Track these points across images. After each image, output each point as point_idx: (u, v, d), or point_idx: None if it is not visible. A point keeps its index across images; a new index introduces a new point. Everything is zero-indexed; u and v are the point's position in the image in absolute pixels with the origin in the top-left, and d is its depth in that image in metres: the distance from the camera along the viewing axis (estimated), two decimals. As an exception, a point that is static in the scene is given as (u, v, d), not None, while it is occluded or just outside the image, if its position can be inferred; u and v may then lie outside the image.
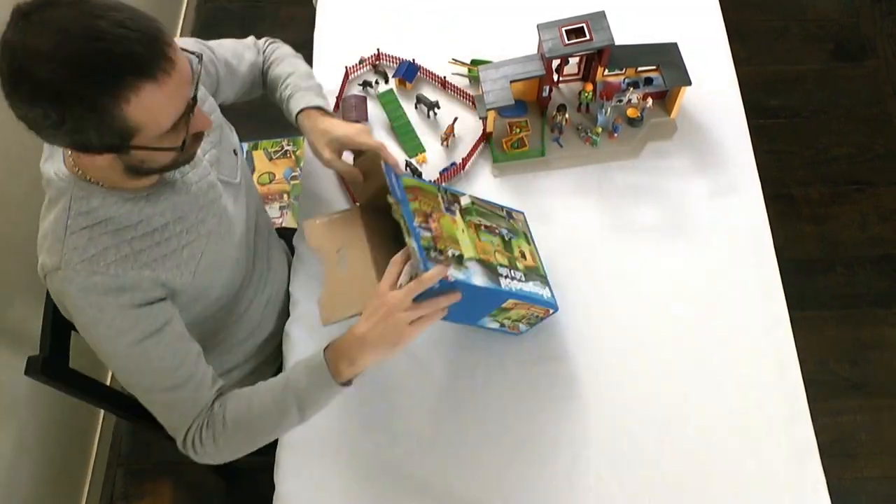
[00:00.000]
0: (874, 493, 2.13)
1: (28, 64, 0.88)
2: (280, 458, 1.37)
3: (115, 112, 0.92)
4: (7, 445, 1.70)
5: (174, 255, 1.15)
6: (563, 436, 1.37)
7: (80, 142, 0.96)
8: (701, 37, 1.74)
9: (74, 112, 0.91)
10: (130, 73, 0.91)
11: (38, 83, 0.88)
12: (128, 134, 0.96)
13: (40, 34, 0.88)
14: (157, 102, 0.94)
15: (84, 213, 1.08)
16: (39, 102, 0.90)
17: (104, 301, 1.08)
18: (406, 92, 1.72)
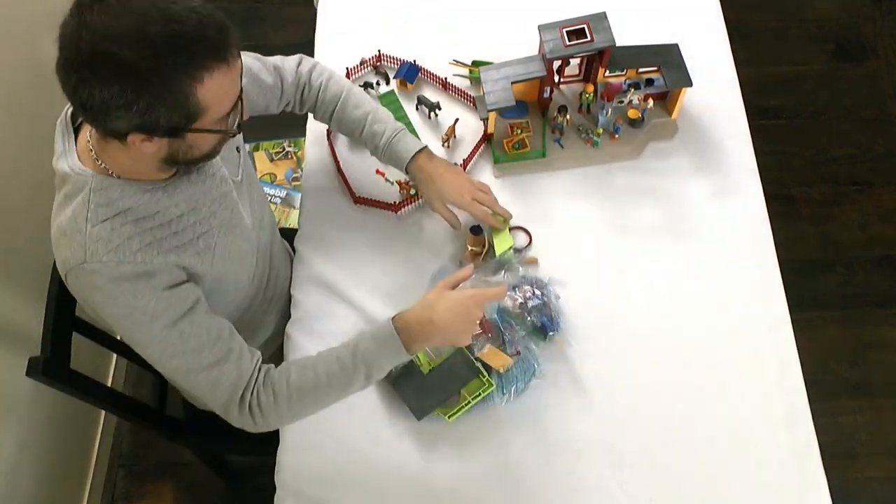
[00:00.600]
0: (875, 494, 2.13)
1: (109, 45, 0.92)
2: (280, 458, 1.38)
3: (189, 92, 0.97)
4: (8, 446, 1.70)
5: (192, 244, 1.17)
6: (563, 435, 1.37)
7: (147, 122, 0.98)
8: (701, 38, 1.75)
9: (152, 90, 0.95)
10: (207, 55, 0.97)
11: (119, 63, 0.92)
12: (194, 115, 1.00)
13: (120, 16, 0.92)
14: (224, 86, 1.01)
15: (104, 204, 1.09)
16: (119, 81, 0.93)
17: (135, 287, 1.09)
18: (407, 93, 1.72)
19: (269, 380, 1.19)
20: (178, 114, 0.99)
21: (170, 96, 0.96)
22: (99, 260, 1.07)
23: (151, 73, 0.93)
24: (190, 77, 0.96)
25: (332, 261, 1.53)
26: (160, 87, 0.95)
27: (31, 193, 1.77)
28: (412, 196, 1.57)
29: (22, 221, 1.75)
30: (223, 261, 1.23)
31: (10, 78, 1.70)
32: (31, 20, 1.79)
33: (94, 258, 1.07)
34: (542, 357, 1.41)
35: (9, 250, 1.71)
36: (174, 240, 1.15)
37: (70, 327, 1.40)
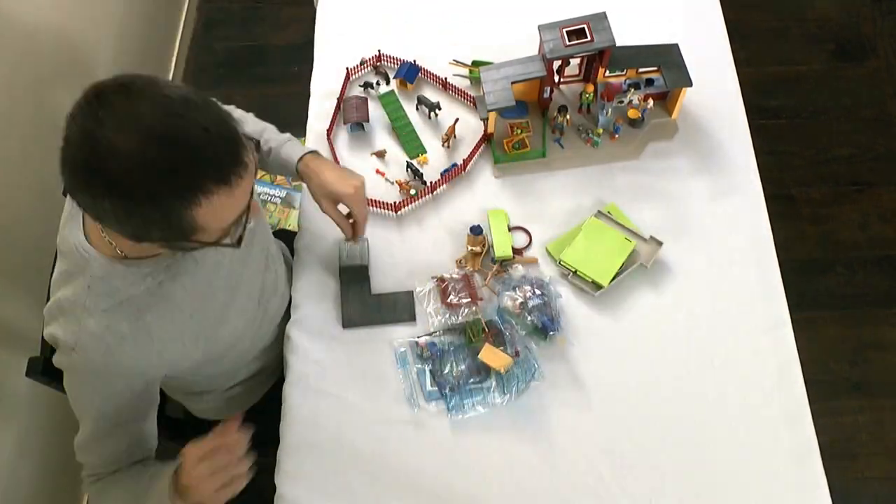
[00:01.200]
0: (875, 494, 2.13)
1: (106, 159, 0.86)
2: (280, 458, 1.38)
3: (184, 214, 0.91)
4: (8, 446, 1.70)
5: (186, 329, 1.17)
6: (564, 436, 1.37)
7: (140, 235, 0.96)
8: (702, 38, 1.75)
9: (143, 211, 0.90)
10: (208, 178, 0.90)
11: (112, 181, 0.87)
12: (190, 232, 0.95)
13: (122, 129, 0.86)
14: (226, 205, 0.94)
15: (105, 294, 1.07)
16: (110, 197, 0.89)
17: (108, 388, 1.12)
18: (407, 93, 1.72)
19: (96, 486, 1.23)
20: (171, 232, 0.94)
21: (162, 218, 0.91)
22: (86, 355, 1.08)
23: (145, 195, 0.88)
24: (185, 201, 0.90)
25: (331, 261, 1.53)
26: (152, 210, 0.90)
27: (32, 195, 1.77)
28: (412, 196, 1.57)
29: (22, 222, 1.75)
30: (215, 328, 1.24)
31: (12, 81, 1.70)
32: (34, 25, 1.79)
33: (83, 352, 1.08)
34: (542, 357, 1.41)
35: (9, 251, 1.71)
36: (170, 330, 1.14)
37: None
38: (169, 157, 0.87)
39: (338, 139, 1.68)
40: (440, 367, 1.39)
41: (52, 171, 1.13)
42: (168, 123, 0.87)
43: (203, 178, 0.90)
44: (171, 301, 1.13)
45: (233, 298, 1.27)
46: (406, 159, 1.63)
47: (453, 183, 1.61)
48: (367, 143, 1.67)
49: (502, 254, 1.48)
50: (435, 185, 1.58)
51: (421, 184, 1.60)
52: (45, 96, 1.82)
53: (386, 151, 1.65)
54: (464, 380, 1.38)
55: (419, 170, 1.60)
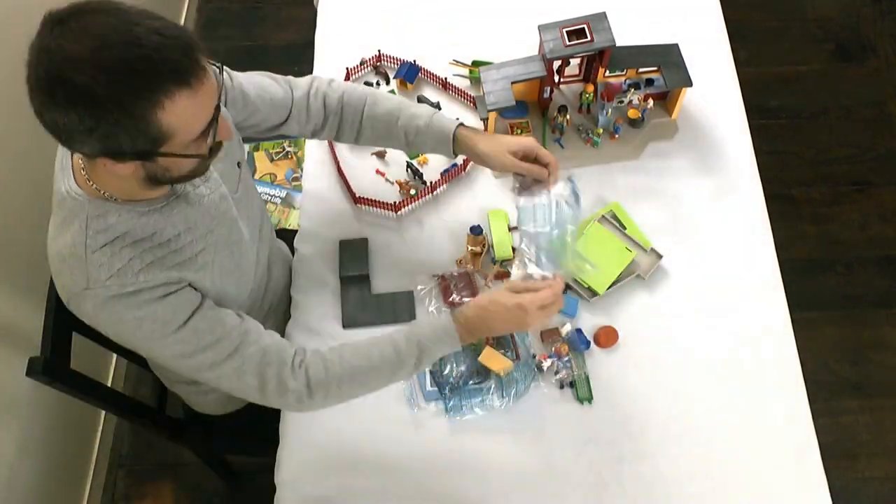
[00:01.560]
0: (875, 494, 2.13)
1: (65, 69, 0.89)
2: (280, 458, 1.38)
3: (150, 117, 0.93)
4: (9, 446, 1.70)
5: (191, 262, 1.16)
6: (564, 435, 1.37)
7: (111, 147, 0.96)
8: (702, 38, 1.75)
9: (110, 117, 0.91)
10: (168, 79, 0.92)
11: (74, 88, 0.89)
12: (160, 140, 0.96)
13: (79, 40, 0.89)
14: (189, 109, 0.96)
15: (102, 230, 1.08)
16: (75, 108, 0.90)
17: (139, 300, 1.09)
18: (407, 93, 1.72)
19: (320, 356, 1.20)
20: (142, 140, 0.95)
21: (129, 123, 0.93)
22: (102, 285, 1.07)
23: (108, 100, 0.90)
24: (149, 102, 0.92)
25: (331, 261, 1.53)
26: (118, 113, 0.91)
27: (32, 194, 1.77)
28: (412, 196, 1.57)
29: (22, 222, 1.75)
30: (222, 277, 1.22)
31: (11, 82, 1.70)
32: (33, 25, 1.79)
33: (98, 284, 1.07)
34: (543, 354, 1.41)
35: (9, 250, 1.71)
36: (174, 257, 1.14)
37: (70, 327, 1.40)
38: (126, 59, 0.89)
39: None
40: (440, 367, 1.39)
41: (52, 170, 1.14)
42: (122, 30, 0.90)
43: (162, 78, 0.92)
44: (166, 235, 1.13)
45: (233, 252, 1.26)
46: (406, 159, 1.63)
47: (453, 183, 1.61)
48: (367, 143, 1.66)
49: (502, 254, 1.48)
50: (435, 185, 1.58)
51: (421, 184, 1.60)
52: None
53: (386, 151, 1.65)
54: (463, 381, 1.38)
55: (419, 170, 1.61)
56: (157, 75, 0.91)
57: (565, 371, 1.39)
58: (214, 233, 1.21)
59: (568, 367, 1.40)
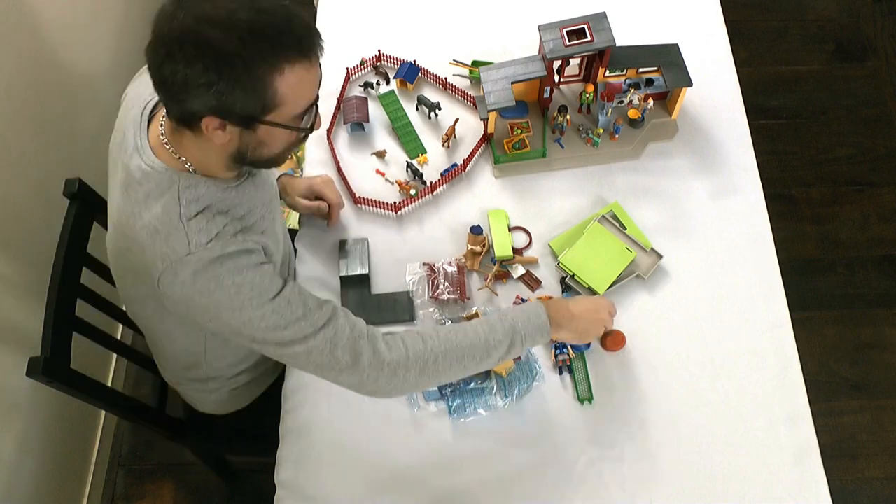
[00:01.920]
0: (875, 494, 2.13)
1: (200, 24, 0.96)
2: (280, 458, 1.38)
3: (268, 80, 1.00)
4: (9, 446, 1.70)
5: (263, 235, 1.21)
6: (564, 435, 1.37)
7: (224, 104, 1.00)
8: (702, 38, 1.75)
9: (233, 73, 0.98)
10: (291, 48, 1.00)
11: (206, 42, 0.96)
12: (270, 104, 1.03)
13: (214, 2, 0.97)
14: (303, 81, 1.03)
15: (194, 200, 1.12)
16: (202, 59, 0.96)
17: (238, 264, 1.11)
18: (407, 93, 1.72)
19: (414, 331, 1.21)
20: (255, 101, 1.01)
21: (249, 81, 0.99)
22: (205, 247, 1.10)
23: (235, 56, 0.96)
24: (271, 66, 0.99)
25: (331, 261, 1.53)
26: (241, 70, 0.98)
27: (32, 195, 1.77)
28: (412, 196, 1.57)
29: (22, 221, 1.75)
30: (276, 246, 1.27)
31: (11, 82, 1.70)
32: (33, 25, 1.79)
33: (199, 247, 1.09)
34: (543, 357, 1.41)
35: (9, 250, 1.71)
36: (254, 230, 1.18)
37: (70, 327, 1.40)
38: (257, 22, 0.97)
39: (338, 139, 1.68)
40: None
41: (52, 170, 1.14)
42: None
43: (287, 46, 1.00)
44: (240, 212, 1.18)
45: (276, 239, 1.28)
46: (406, 159, 1.63)
47: (453, 183, 1.61)
48: (367, 143, 1.67)
49: (502, 254, 1.48)
50: (435, 185, 1.58)
51: (421, 184, 1.60)
52: (44, 98, 1.82)
53: (386, 151, 1.65)
54: (465, 382, 1.38)
55: (419, 170, 1.61)
56: (282, 43, 0.99)
57: (563, 356, 1.40)
58: (265, 219, 1.24)
59: (564, 352, 1.40)
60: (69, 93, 1.94)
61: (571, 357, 1.41)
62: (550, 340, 1.30)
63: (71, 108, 1.94)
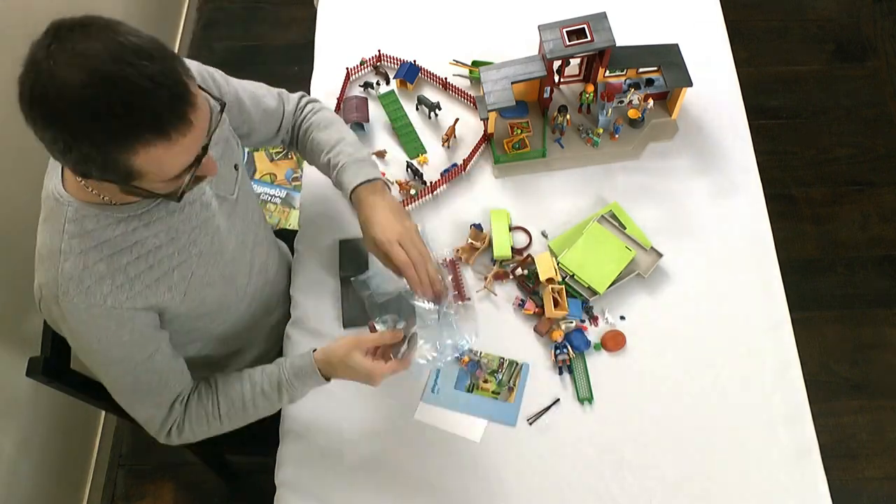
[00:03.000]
0: (875, 494, 2.13)
1: (50, 92, 0.88)
2: (280, 458, 1.38)
3: (121, 158, 0.93)
4: (8, 446, 1.70)
5: (166, 278, 1.17)
6: (564, 436, 1.37)
7: (83, 171, 0.97)
8: (702, 37, 1.75)
9: (82, 148, 0.91)
10: (145, 128, 0.91)
11: (54, 113, 0.89)
12: (130, 177, 0.96)
13: (69, 67, 0.87)
14: (165, 158, 0.95)
15: (78, 235, 1.08)
16: (51, 129, 0.91)
17: (99, 333, 1.12)
18: (407, 93, 1.72)
19: (203, 408, 1.28)
20: (111, 173, 0.95)
21: (100, 158, 0.92)
22: (70, 301, 1.08)
23: (83, 133, 0.90)
24: (121, 146, 0.91)
25: (331, 261, 1.53)
26: (89, 147, 0.91)
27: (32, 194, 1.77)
28: (412, 196, 1.57)
29: (22, 222, 1.74)
30: (199, 288, 1.23)
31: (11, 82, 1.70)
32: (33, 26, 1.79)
33: (66, 297, 1.08)
34: (542, 358, 1.42)
35: (9, 250, 1.71)
36: (149, 275, 1.14)
37: (70, 327, 1.40)
38: (107, 101, 0.88)
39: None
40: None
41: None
42: (113, 67, 0.88)
43: (140, 127, 0.90)
44: (146, 247, 1.14)
45: (216, 263, 1.25)
46: (406, 159, 1.63)
47: (453, 183, 1.61)
48: (367, 143, 1.67)
49: (501, 253, 1.48)
50: (435, 185, 1.58)
51: (421, 184, 1.60)
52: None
53: (386, 151, 1.65)
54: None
55: (419, 170, 1.60)
56: (135, 123, 0.90)
57: (563, 356, 1.40)
58: (197, 244, 1.21)
59: (564, 352, 1.40)
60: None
61: (571, 357, 1.41)
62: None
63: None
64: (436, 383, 1.40)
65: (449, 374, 1.41)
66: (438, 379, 1.41)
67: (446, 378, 1.41)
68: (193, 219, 1.20)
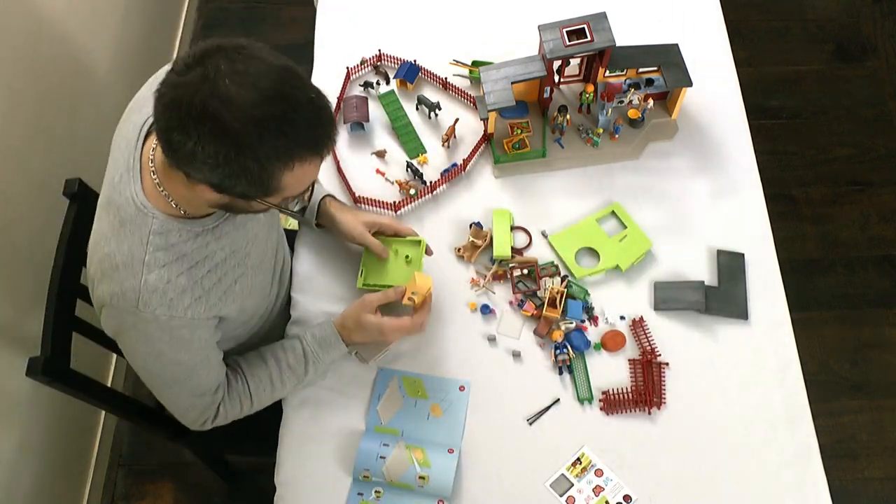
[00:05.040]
0: (875, 494, 2.13)
1: (223, 106, 0.92)
2: (280, 458, 1.38)
3: (276, 174, 0.99)
4: (8, 446, 1.70)
5: (231, 290, 1.21)
6: (563, 435, 1.37)
7: (224, 185, 0.99)
8: (702, 38, 1.75)
9: (243, 163, 0.96)
10: (306, 147, 0.99)
11: (223, 128, 0.93)
12: (271, 191, 1.02)
13: (243, 86, 0.93)
14: (309, 174, 1.03)
15: (163, 248, 1.10)
16: (214, 142, 0.94)
17: (174, 337, 1.14)
18: (407, 93, 1.72)
19: (235, 392, 1.31)
20: (257, 188, 1.00)
21: (256, 173, 0.97)
22: (151, 312, 1.10)
23: (249, 148, 0.94)
24: (282, 163, 0.97)
25: (331, 261, 1.53)
26: (252, 163, 0.96)
27: (32, 195, 1.77)
28: (412, 196, 1.57)
29: (22, 222, 1.75)
30: (248, 297, 1.27)
31: (11, 82, 1.70)
32: (33, 26, 1.79)
33: (147, 308, 1.10)
34: (542, 358, 1.41)
35: (9, 250, 1.71)
36: (219, 287, 1.18)
37: (70, 327, 1.40)
38: (281, 118, 0.94)
39: (338, 139, 1.67)
40: None
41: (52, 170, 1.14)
42: (283, 87, 0.94)
43: (304, 145, 0.98)
44: (214, 261, 1.17)
45: (262, 272, 1.32)
46: (406, 159, 1.63)
47: (453, 183, 1.61)
48: (367, 143, 1.67)
49: (501, 253, 1.48)
50: (435, 184, 1.58)
51: (421, 184, 1.60)
52: (44, 97, 1.82)
53: (386, 151, 1.65)
54: None
55: (419, 170, 1.60)
56: (299, 143, 0.97)
57: (563, 356, 1.40)
58: (251, 256, 1.25)
59: (564, 352, 1.40)
60: (69, 93, 1.94)
61: (571, 357, 1.41)
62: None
63: (71, 108, 1.94)
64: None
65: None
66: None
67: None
68: (250, 233, 1.25)
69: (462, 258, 1.52)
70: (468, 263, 1.52)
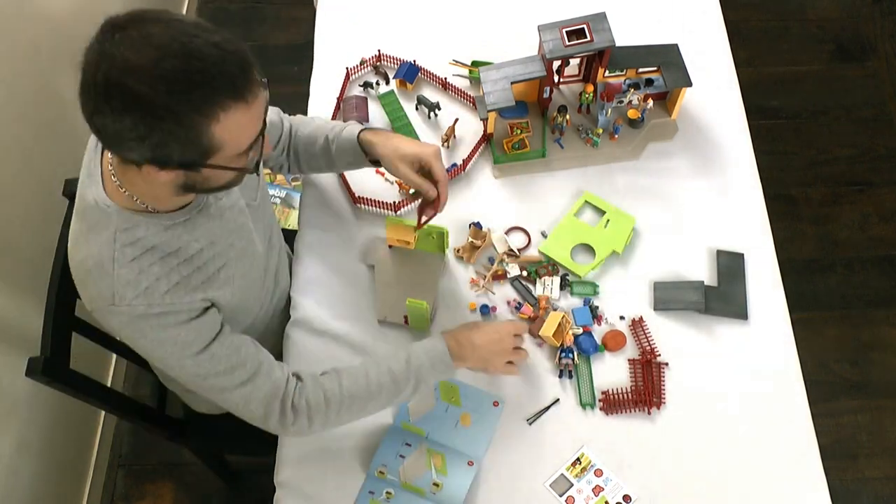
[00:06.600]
0: (875, 494, 2.13)
1: (125, 76, 0.90)
2: (280, 458, 1.38)
3: (203, 129, 0.95)
4: (8, 446, 1.70)
5: (214, 278, 1.18)
6: (563, 435, 1.37)
7: (160, 156, 0.97)
8: (701, 38, 1.75)
9: (164, 126, 0.93)
10: (225, 93, 0.94)
11: (132, 95, 0.90)
12: (209, 151, 0.98)
13: (139, 48, 0.90)
14: (242, 123, 0.98)
15: (129, 243, 1.09)
16: (130, 114, 0.91)
17: (164, 322, 1.11)
18: (407, 93, 1.72)
19: (320, 386, 1.24)
20: (192, 150, 0.97)
21: (182, 133, 0.94)
22: (128, 304, 1.08)
23: (164, 109, 0.91)
24: (204, 115, 0.94)
25: (331, 261, 1.53)
26: (172, 123, 0.93)
27: (32, 195, 1.77)
28: (412, 196, 1.57)
29: (23, 222, 1.75)
30: (240, 290, 1.25)
31: (12, 82, 1.70)
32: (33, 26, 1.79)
33: (123, 302, 1.08)
34: (542, 358, 1.41)
35: (9, 250, 1.71)
36: (198, 276, 1.16)
37: (70, 327, 1.40)
38: (185, 71, 0.91)
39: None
40: None
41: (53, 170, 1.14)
42: (182, 42, 0.91)
43: (220, 91, 0.94)
44: (189, 251, 1.15)
45: (252, 264, 1.29)
46: (406, 159, 1.63)
47: (453, 183, 1.61)
48: (367, 143, 1.66)
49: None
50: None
51: (421, 184, 1.59)
52: (45, 97, 1.83)
53: (386, 151, 1.64)
54: None
55: (419, 170, 1.60)
56: (215, 89, 0.93)
57: (567, 360, 1.39)
58: (234, 246, 1.23)
59: (570, 356, 1.40)
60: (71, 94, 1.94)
61: (576, 363, 1.40)
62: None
63: (71, 109, 1.94)
64: None
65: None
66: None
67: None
68: (230, 223, 1.23)
69: (461, 259, 1.52)
70: (468, 264, 1.51)
